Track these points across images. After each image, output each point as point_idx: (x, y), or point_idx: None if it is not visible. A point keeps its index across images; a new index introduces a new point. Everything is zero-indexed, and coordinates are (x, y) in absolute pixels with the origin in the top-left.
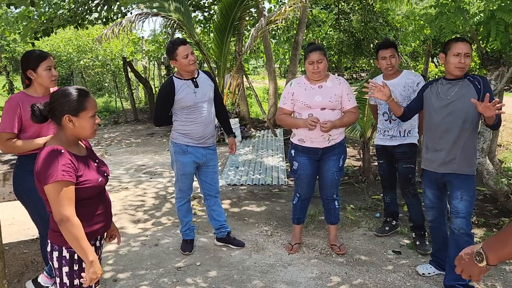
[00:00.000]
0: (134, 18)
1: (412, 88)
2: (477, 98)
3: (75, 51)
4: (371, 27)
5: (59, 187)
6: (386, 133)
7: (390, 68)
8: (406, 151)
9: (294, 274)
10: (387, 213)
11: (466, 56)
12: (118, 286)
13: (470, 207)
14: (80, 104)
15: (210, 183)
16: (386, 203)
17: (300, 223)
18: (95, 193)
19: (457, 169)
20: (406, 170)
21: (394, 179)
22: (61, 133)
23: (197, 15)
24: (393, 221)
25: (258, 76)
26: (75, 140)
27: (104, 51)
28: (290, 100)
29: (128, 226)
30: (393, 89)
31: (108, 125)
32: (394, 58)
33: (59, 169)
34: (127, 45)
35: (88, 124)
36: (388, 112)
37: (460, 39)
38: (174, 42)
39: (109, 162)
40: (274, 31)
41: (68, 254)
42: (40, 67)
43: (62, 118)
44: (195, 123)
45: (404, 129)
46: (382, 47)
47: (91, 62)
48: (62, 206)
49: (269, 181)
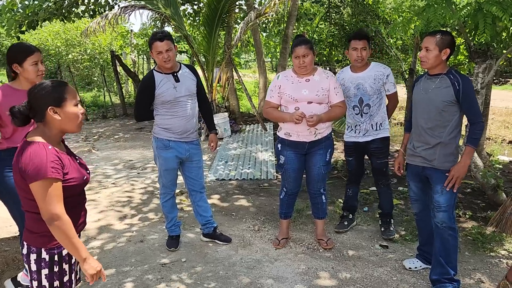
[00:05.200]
0: (119, 11)
1: (382, 80)
2: (452, 98)
3: (63, 44)
4: (361, 20)
5: (47, 185)
6: (357, 128)
7: (360, 60)
8: (380, 146)
9: (281, 269)
10: (346, 207)
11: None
12: (101, 283)
13: (451, 200)
14: (60, 94)
15: (195, 178)
16: (347, 196)
17: (287, 218)
18: (78, 192)
19: (436, 164)
20: (381, 165)
21: (361, 174)
22: (45, 129)
23: (187, 8)
24: (350, 214)
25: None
26: (60, 135)
27: (92, 44)
28: (277, 93)
29: (115, 222)
30: (362, 81)
31: (96, 119)
32: (365, 50)
33: (48, 166)
34: (115, 38)
35: (74, 114)
36: (359, 106)
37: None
38: (152, 36)
39: (97, 157)
40: (265, 24)
41: (48, 256)
42: (26, 61)
43: (46, 112)
44: (176, 117)
45: (376, 122)
46: (355, 38)
47: (79, 56)
48: (52, 204)
49: (258, 176)
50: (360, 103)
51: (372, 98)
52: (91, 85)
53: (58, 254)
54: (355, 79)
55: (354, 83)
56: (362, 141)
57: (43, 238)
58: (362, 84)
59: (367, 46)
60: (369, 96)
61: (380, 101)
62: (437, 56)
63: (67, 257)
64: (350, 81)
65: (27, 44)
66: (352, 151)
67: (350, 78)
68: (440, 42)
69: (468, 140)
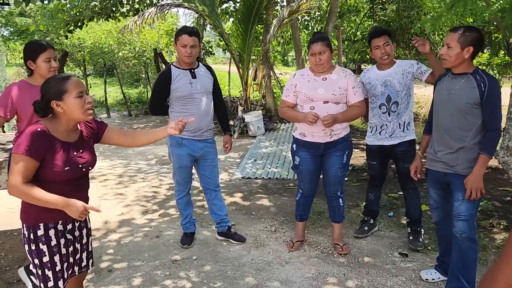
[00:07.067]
0: (156, 10)
1: (412, 71)
2: (477, 100)
3: (115, 43)
4: (405, 16)
5: (17, 159)
6: (384, 128)
7: (386, 56)
8: (407, 149)
9: (290, 272)
10: (367, 211)
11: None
12: (111, 276)
13: (473, 209)
14: (59, 87)
15: (209, 176)
16: (369, 200)
17: (303, 220)
18: (62, 180)
19: (459, 170)
20: (408, 169)
21: (384, 178)
22: (53, 119)
23: (229, 6)
24: (371, 219)
25: (294, 68)
26: (69, 125)
27: (141, 43)
28: (292, 92)
29: (137, 217)
30: (390, 78)
31: (139, 115)
32: (388, 45)
33: (24, 144)
34: (161, 36)
35: (76, 105)
36: (386, 104)
37: None
38: (182, 28)
39: (133, 152)
40: (307, 21)
41: (26, 233)
42: (39, 58)
43: (51, 106)
44: (189, 114)
45: (404, 121)
46: (374, 36)
47: (128, 53)
48: (12, 175)
49: (285, 175)
50: (387, 101)
51: (401, 94)
52: (139, 82)
53: (34, 233)
54: (382, 77)
55: (381, 80)
56: (387, 145)
57: (24, 214)
58: (390, 80)
59: (389, 40)
60: (397, 93)
61: (408, 98)
62: (459, 54)
63: (43, 237)
64: (377, 79)
65: (41, 41)
66: (376, 155)
67: (377, 76)
68: (463, 39)
69: (485, 148)
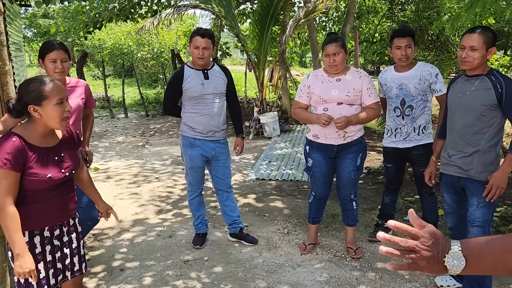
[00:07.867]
0: (173, 11)
1: (429, 81)
2: (493, 101)
3: (134, 44)
4: (424, 16)
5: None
6: (398, 131)
7: (405, 59)
8: (423, 153)
9: (302, 276)
10: (382, 215)
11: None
12: (123, 275)
13: (488, 214)
14: (40, 93)
15: (221, 177)
16: (384, 204)
17: (316, 223)
18: (44, 187)
19: (474, 174)
20: (423, 174)
21: (400, 181)
22: (29, 123)
23: (246, 7)
24: (385, 223)
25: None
26: (45, 130)
27: (159, 44)
28: (306, 93)
29: (151, 216)
30: (406, 81)
31: (156, 116)
32: (410, 48)
33: (1, 158)
34: (179, 37)
35: (55, 113)
36: (400, 107)
37: None
38: (196, 30)
39: (148, 152)
40: (324, 22)
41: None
42: (46, 58)
43: (27, 109)
44: (200, 115)
45: (419, 125)
46: (398, 35)
47: (147, 54)
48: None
49: (299, 177)
50: (402, 105)
51: (416, 99)
52: (157, 82)
53: (9, 243)
54: (398, 79)
55: (397, 83)
56: (402, 147)
57: None
58: (406, 84)
59: (412, 43)
60: (412, 97)
61: (424, 103)
62: (484, 56)
63: (27, 245)
64: (393, 81)
65: (53, 41)
66: (391, 157)
67: (393, 78)
68: (487, 40)
69: None
